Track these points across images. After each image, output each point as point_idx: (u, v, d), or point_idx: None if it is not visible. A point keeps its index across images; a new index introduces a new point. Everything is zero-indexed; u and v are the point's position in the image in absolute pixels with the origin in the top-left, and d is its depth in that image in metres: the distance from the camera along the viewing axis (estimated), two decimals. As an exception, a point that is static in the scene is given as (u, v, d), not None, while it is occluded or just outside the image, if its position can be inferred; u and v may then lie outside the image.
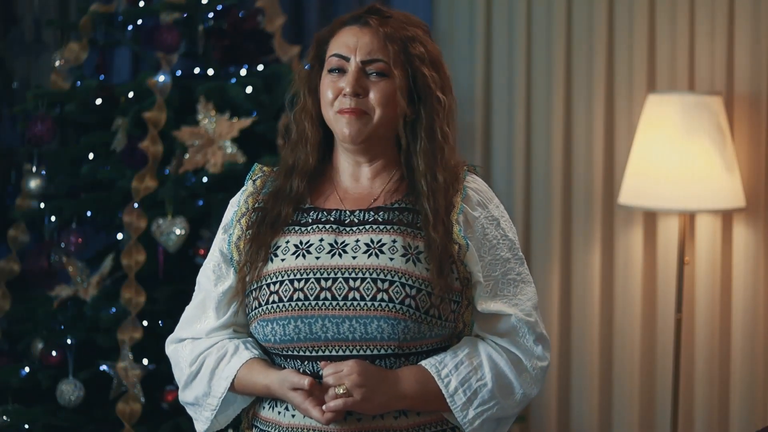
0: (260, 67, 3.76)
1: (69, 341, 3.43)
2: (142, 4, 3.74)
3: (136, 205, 3.44)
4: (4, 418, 3.42)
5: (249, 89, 3.60)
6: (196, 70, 3.77)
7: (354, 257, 1.94)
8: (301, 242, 1.99)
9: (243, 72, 3.72)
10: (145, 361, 3.40)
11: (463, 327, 1.99)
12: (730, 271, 3.73)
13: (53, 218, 3.62)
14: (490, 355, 1.97)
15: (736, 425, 3.71)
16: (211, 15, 3.76)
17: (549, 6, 3.94)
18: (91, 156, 3.65)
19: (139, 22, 3.77)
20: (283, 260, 1.98)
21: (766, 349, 3.70)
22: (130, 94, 3.62)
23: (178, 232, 3.44)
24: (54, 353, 3.47)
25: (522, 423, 4.00)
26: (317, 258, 1.96)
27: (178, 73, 3.71)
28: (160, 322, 3.45)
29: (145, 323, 3.42)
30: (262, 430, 2.02)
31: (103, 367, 3.42)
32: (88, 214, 3.64)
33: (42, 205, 3.66)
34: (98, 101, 3.65)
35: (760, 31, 3.66)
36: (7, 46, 4.36)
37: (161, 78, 3.56)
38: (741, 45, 3.69)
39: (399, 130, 2.00)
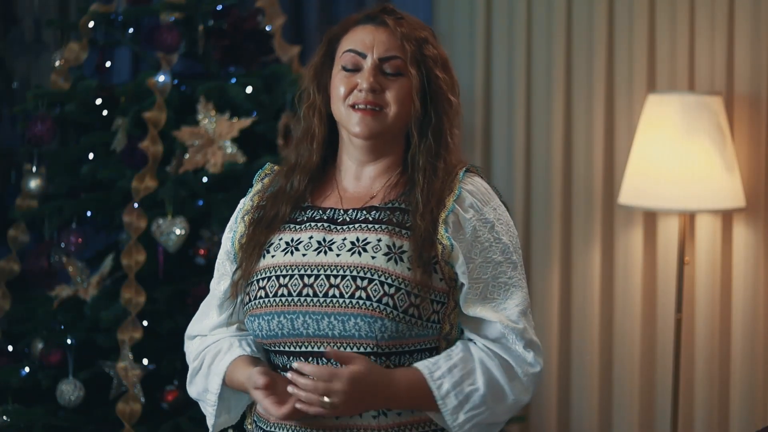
0: (260, 67, 3.76)
1: (69, 341, 3.43)
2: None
3: (136, 205, 3.44)
4: (4, 418, 3.42)
5: (249, 89, 3.60)
6: (196, 70, 3.77)
7: (338, 255, 1.96)
8: (292, 239, 2.00)
9: (243, 72, 3.72)
10: (145, 361, 3.40)
11: (450, 329, 1.99)
12: (730, 271, 3.73)
13: (53, 218, 3.62)
14: (483, 360, 1.96)
15: (736, 425, 3.71)
16: (211, 15, 3.76)
17: (549, 6, 3.94)
18: (91, 156, 3.65)
19: (139, 22, 3.77)
20: (273, 257, 2.00)
21: (766, 349, 3.71)
22: (130, 95, 3.62)
23: (178, 232, 3.44)
24: (54, 353, 3.47)
25: (522, 423, 4.00)
26: (304, 255, 1.98)
27: (178, 72, 3.71)
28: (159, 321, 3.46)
29: (145, 323, 3.42)
30: (257, 425, 2.05)
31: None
32: (88, 214, 3.64)
33: (42, 205, 3.66)
34: (98, 101, 3.65)
35: (760, 31, 3.66)
36: (7, 46, 4.36)
37: (161, 78, 3.56)
38: (741, 45, 3.69)
39: (410, 129, 2.01)
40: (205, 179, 3.50)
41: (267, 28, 3.80)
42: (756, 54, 3.68)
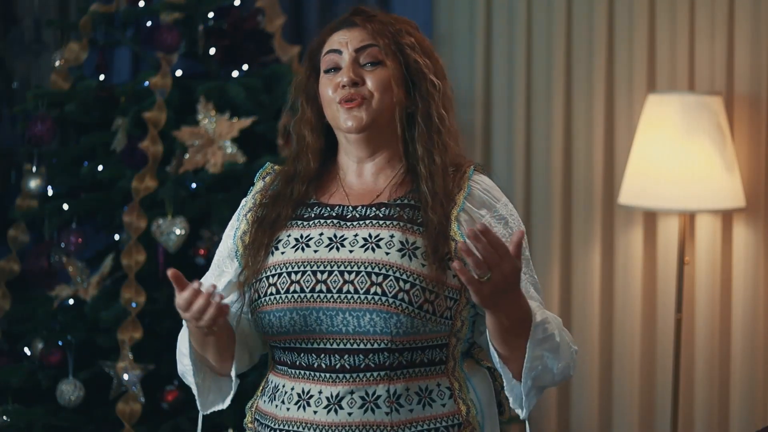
0: (260, 67, 3.76)
1: (69, 341, 3.43)
2: (142, 4, 3.74)
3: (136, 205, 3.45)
4: (4, 418, 3.42)
5: (249, 89, 3.60)
6: (196, 70, 3.77)
7: (351, 251, 1.96)
8: (301, 236, 2.01)
9: (243, 72, 3.72)
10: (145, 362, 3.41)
11: (461, 325, 1.99)
12: (730, 271, 3.73)
13: (53, 218, 3.62)
14: (558, 322, 1.97)
15: (736, 425, 3.71)
16: (211, 15, 3.76)
17: (549, 6, 3.94)
18: (91, 156, 3.65)
19: (139, 22, 3.77)
20: (283, 253, 2.00)
21: (766, 349, 3.71)
22: (130, 94, 3.62)
23: (178, 232, 3.44)
24: (54, 353, 3.47)
25: (522, 423, 4.00)
26: (315, 251, 1.98)
27: (179, 73, 3.71)
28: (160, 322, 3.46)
29: (145, 323, 3.42)
30: (262, 423, 2.04)
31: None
32: (88, 214, 3.64)
33: (42, 205, 3.66)
34: (98, 101, 3.65)
35: (760, 31, 3.67)
36: (7, 46, 4.36)
37: (161, 78, 3.56)
38: (741, 45, 3.69)
39: (396, 118, 2.02)
40: (205, 179, 3.50)
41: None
42: (756, 54, 3.68)
